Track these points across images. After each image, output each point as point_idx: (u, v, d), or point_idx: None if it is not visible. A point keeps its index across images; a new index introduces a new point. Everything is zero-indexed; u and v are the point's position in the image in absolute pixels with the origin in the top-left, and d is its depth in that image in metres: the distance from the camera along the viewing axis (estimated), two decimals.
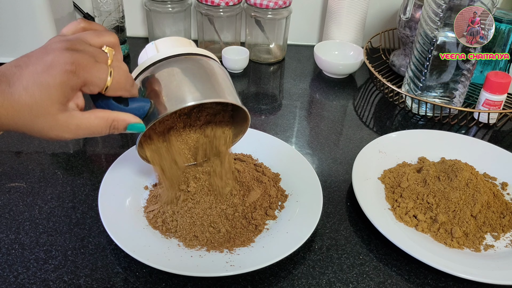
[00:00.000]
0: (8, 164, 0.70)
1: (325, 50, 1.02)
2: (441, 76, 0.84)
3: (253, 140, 0.73)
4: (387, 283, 0.55)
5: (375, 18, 1.13)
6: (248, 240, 0.56)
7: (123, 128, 0.44)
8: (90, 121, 0.41)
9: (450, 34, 0.79)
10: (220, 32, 1.04)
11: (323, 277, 0.55)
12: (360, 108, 0.92)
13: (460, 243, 0.59)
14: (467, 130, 0.86)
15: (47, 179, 0.67)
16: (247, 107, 0.90)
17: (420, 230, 0.60)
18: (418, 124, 0.87)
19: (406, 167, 0.70)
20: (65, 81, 0.38)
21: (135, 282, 0.53)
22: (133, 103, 0.45)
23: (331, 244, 0.60)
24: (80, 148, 0.75)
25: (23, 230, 0.59)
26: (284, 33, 1.04)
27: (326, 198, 0.64)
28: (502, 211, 0.64)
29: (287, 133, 0.82)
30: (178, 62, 0.50)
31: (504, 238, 0.61)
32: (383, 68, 1.03)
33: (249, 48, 1.03)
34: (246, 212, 0.59)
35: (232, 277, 0.53)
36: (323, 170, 0.73)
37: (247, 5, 1.01)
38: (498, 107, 0.84)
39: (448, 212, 0.61)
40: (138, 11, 1.11)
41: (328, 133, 0.83)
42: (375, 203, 0.64)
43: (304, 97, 0.95)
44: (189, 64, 0.51)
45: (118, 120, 0.43)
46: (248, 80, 1.00)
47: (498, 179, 0.71)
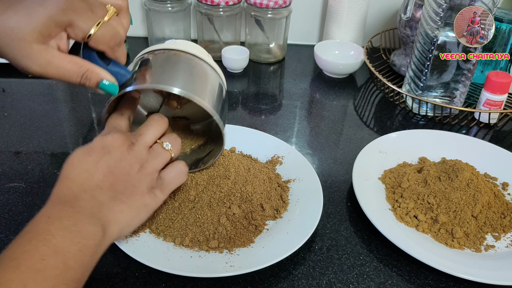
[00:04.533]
0: (7, 164, 0.70)
1: (325, 49, 1.01)
2: (442, 76, 0.84)
3: (253, 140, 0.73)
4: (388, 284, 0.54)
5: (376, 18, 1.12)
6: (248, 241, 0.56)
7: (95, 81, 0.43)
8: (62, 62, 0.41)
9: (450, 34, 0.79)
10: (220, 31, 1.04)
11: (324, 278, 0.55)
12: (360, 108, 0.92)
13: (461, 244, 0.59)
14: (468, 130, 0.86)
15: (47, 179, 0.67)
16: (247, 107, 0.90)
17: (421, 231, 0.60)
18: (419, 124, 0.87)
19: (407, 167, 0.70)
20: (52, 15, 0.39)
21: (135, 282, 0.53)
22: (114, 66, 0.45)
23: (332, 244, 0.59)
24: None
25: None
26: (284, 32, 1.04)
27: (326, 199, 0.64)
28: (503, 211, 0.64)
29: (287, 133, 0.82)
30: (184, 57, 0.51)
31: (505, 238, 0.61)
32: (384, 68, 1.03)
33: (249, 48, 1.03)
34: (246, 213, 0.59)
35: (232, 277, 0.53)
36: (323, 170, 0.73)
37: (247, 4, 1.01)
38: (499, 107, 0.84)
39: (449, 212, 0.61)
40: (137, 11, 1.10)
41: (328, 133, 0.82)
42: (376, 203, 0.63)
43: (304, 97, 0.94)
44: (193, 63, 0.51)
45: (92, 71, 0.43)
46: (248, 80, 1.00)
47: (499, 179, 0.71)
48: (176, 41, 0.54)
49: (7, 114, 0.81)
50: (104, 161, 0.44)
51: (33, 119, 0.81)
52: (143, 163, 0.47)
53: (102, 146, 0.45)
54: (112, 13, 0.43)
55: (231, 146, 0.71)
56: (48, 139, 0.76)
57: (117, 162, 0.45)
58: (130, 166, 0.46)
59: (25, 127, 0.78)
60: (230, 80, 0.99)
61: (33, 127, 0.79)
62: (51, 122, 0.80)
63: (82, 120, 0.82)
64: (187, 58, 0.51)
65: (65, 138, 0.77)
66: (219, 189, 0.59)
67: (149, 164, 0.47)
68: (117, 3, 0.44)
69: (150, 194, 0.47)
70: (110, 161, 0.45)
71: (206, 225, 0.56)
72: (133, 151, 0.46)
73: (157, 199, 0.48)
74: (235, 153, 0.69)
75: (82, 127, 0.80)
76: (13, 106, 0.84)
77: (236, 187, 0.60)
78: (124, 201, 0.45)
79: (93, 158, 0.44)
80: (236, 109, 0.89)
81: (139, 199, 0.46)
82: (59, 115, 0.83)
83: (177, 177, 0.50)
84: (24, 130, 0.78)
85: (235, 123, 0.79)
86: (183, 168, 0.51)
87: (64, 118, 0.82)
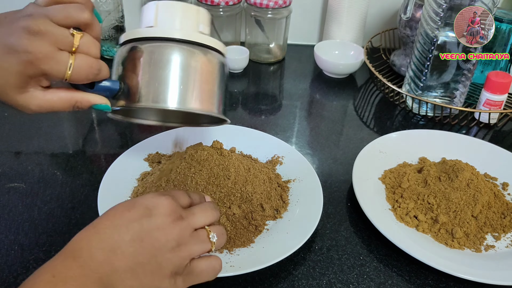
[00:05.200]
0: (7, 165, 0.70)
1: (325, 49, 1.01)
2: (442, 76, 0.84)
3: (253, 140, 0.73)
4: (388, 284, 0.54)
5: (376, 18, 1.12)
6: (248, 241, 0.56)
7: (87, 107, 0.43)
8: (51, 102, 0.41)
9: (450, 34, 0.79)
10: (219, 31, 1.04)
11: (324, 278, 0.55)
12: (360, 108, 0.92)
13: (461, 244, 0.59)
14: (468, 130, 0.86)
15: (47, 180, 0.67)
16: (247, 107, 0.90)
17: (421, 231, 0.60)
18: (419, 124, 0.87)
19: (407, 167, 0.70)
20: (22, 70, 0.38)
21: None
22: (100, 85, 0.43)
23: (332, 244, 0.59)
24: (80, 148, 0.75)
25: (22, 231, 0.58)
26: (284, 32, 1.04)
27: (326, 199, 0.64)
28: (503, 211, 0.64)
29: (287, 133, 0.82)
30: (170, 50, 0.43)
31: (505, 238, 0.61)
32: (384, 68, 1.03)
33: (249, 48, 1.03)
34: (246, 213, 0.59)
35: (232, 277, 0.53)
36: (323, 170, 0.73)
37: (247, 4, 1.01)
38: (499, 107, 0.84)
39: (449, 212, 0.61)
40: (137, 11, 1.10)
41: (328, 133, 0.82)
42: (376, 203, 0.63)
43: (304, 97, 0.94)
44: (181, 56, 0.44)
45: (81, 101, 0.43)
46: (248, 80, 1.00)
47: (499, 179, 0.71)
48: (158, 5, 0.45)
49: (7, 114, 0.81)
50: (140, 223, 0.38)
51: (33, 119, 0.81)
52: (181, 244, 0.40)
53: (147, 206, 0.40)
54: (78, 39, 0.40)
55: (231, 146, 0.71)
56: (48, 139, 0.76)
57: (153, 230, 0.39)
58: (166, 241, 0.39)
59: (25, 127, 0.78)
60: (230, 80, 0.99)
61: (33, 127, 0.79)
62: (51, 122, 0.80)
63: (82, 120, 0.82)
64: (173, 53, 0.44)
65: (65, 138, 0.77)
66: (219, 189, 0.59)
67: (186, 248, 0.40)
68: (81, 21, 0.40)
69: (171, 280, 0.40)
70: (146, 226, 0.38)
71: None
72: (177, 226, 0.40)
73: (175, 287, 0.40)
74: (235, 153, 0.69)
75: (82, 127, 0.80)
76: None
77: (236, 187, 0.60)
78: (140, 277, 0.38)
79: (131, 215, 0.39)
80: (236, 109, 0.89)
81: (157, 281, 0.39)
82: (59, 115, 0.83)
83: (207, 272, 0.43)
84: (24, 130, 0.78)
85: (235, 123, 0.79)
86: (217, 266, 0.43)
87: (64, 118, 0.82)
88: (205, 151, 0.60)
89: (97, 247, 0.37)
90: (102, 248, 0.37)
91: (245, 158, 0.68)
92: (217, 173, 0.59)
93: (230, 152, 0.64)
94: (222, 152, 0.62)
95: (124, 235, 0.38)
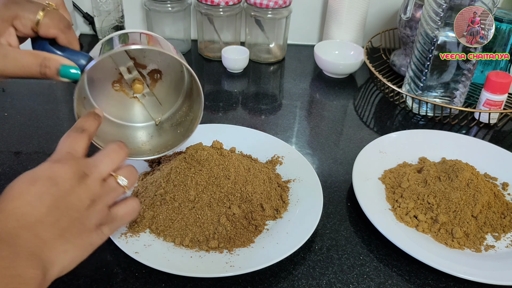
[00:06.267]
0: (7, 165, 0.70)
1: (325, 49, 1.01)
2: (442, 76, 0.84)
3: (253, 140, 0.73)
4: (388, 284, 0.54)
5: (376, 18, 1.12)
6: (248, 241, 0.56)
7: (54, 68, 0.43)
8: (19, 54, 0.42)
9: (450, 34, 0.79)
10: (220, 31, 1.04)
11: (323, 278, 0.55)
12: (360, 108, 0.92)
13: (461, 244, 0.59)
14: (468, 130, 0.86)
15: None
16: (247, 107, 0.90)
17: (421, 231, 0.60)
18: (419, 124, 0.87)
19: (407, 167, 0.70)
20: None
21: (135, 283, 0.53)
22: (70, 53, 0.45)
23: (332, 244, 0.59)
24: None
25: None
26: (284, 32, 1.04)
27: (326, 199, 0.64)
28: (502, 211, 0.64)
29: (287, 133, 0.82)
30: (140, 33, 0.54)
31: (505, 238, 0.61)
32: (384, 68, 1.03)
33: (249, 48, 1.03)
34: (246, 213, 0.59)
35: (232, 277, 0.53)
36: (323, 170, 0.73)
37: (247, 4, 1.01)
38: (499, 107, 0.84)
39: (449, 212, 0.61)
40: (137, 11, 1.10)
41: (328, 133, 0.82)
42: (376, 203, 0.63)
43: (304, 97, 0.94)
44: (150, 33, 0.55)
45: (50, 58, 0.43)
46: (248, 80, 1.00)
47: (499, 179, 0.71)
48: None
49: (7, 114, 0.81)
50: (49, 193, 0.39)
51: (33, 119, 0.81)
52: (94, 199, 0.42)
53: (50, 175, 0.40)
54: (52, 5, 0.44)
55: (231, 146, 0.72)
56: (48, 139, 0.76)
57: (64, 196, 0.40)
58: (80, 201, 0.41)
59: (25, 127, 0.78)
60: (230, 80, 0.99)
61: (33, 127, 0.79)
62: (51, 122, 0.80)
63: None
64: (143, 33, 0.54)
65: None
66: (219, 189, 0.59)
67: (100, 200, 0.42)
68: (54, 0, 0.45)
69: (97, 231, 0.42)
70: (56, 194, 0.39)
71: (206, 225, 0.56)
72: (84, 185, 0.41)
73: (103, 236, 0.43)
74: (235, 153, 0.69)
75: None
76: (13, 106, 0.84)
77: (236, 187, 0.60)
78: (69, 239, 0.40)
79: (38, 189, 0.39)
80: (236, 109, 0.89)
81: (86, 237, 0.41)
82: (59, 115, 0.83)
83: (128, 214, 0.46)
84: (24, 130, 0.78)
85: (235, 123, 0.79)
86: (135, 205, 0.46)
87: (64, 118, 0.82)
88: (205, 151, 0.60)
89: (19, 226, 0.37)
90: (24, 226, 0.37)
91: (245, 158, 0.68)
92: (217, 173, 0.59)
93: (230, 152, 0.64)
94: (222, 152, 0.62)
95: (40, 208, 0.38)
